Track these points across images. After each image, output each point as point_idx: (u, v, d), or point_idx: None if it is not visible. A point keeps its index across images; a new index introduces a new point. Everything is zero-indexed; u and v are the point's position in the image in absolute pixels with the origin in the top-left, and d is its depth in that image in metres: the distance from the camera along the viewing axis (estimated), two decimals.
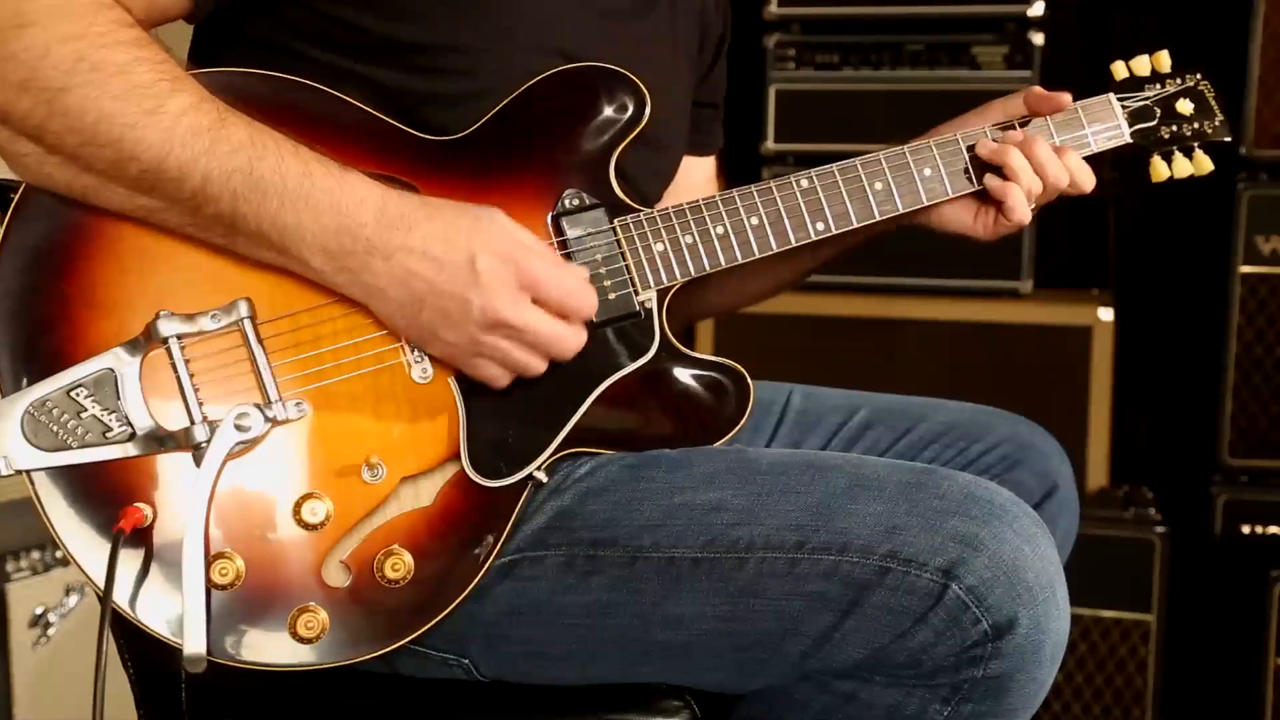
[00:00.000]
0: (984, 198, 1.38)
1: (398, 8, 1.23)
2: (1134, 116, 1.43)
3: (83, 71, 1.09)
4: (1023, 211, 1.35)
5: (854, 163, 1.34)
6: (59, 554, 2.29)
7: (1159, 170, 1.45)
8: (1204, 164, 1.45)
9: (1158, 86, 1.45)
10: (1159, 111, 1.44)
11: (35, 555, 2.29)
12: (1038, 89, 1.41)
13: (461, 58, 1.25)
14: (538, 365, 1.19)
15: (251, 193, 1.12)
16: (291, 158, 1.13)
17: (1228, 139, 1.46)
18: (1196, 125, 1.45)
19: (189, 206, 1.13)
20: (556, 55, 1.27)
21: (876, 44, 2.85)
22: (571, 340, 1.19)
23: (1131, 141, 1.43)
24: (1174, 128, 1.44)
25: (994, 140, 1.37)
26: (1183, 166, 1.45)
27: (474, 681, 1.28)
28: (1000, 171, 1.36)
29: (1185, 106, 1.44)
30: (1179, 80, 1.45)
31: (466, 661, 1.27)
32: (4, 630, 2.25)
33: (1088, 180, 1.39)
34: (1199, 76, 1.46)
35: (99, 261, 1.16)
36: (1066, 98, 1.40)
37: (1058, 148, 1.37)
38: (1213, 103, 1.45)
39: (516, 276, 1.15)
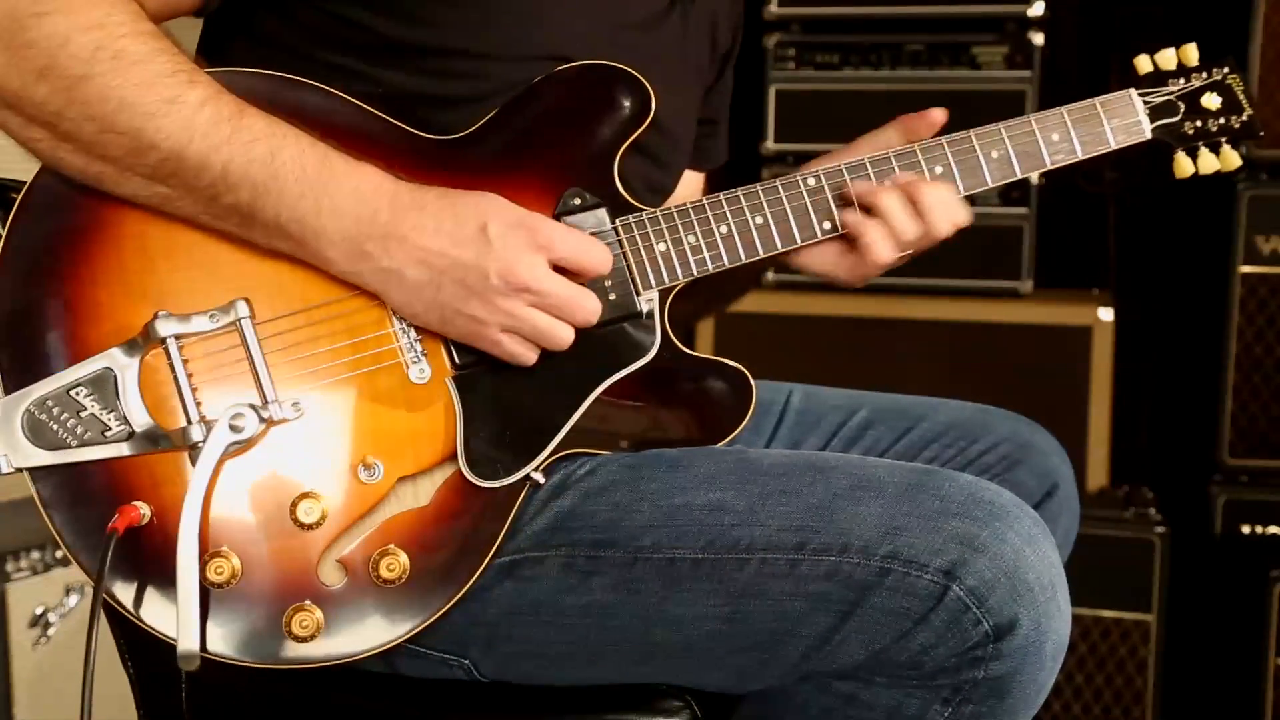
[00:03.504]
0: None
1: (410, 12, 1.23)
2: (1156, 112, 1.39)
3: (103, 60, 1.09)
4: (880, 249, 1.31)
5: (863, 160, 1.33)
6: (59, 554, 2.29)
7: (1183, 167, 1.41)
8: (1231, 160, 1.40)
9: (1183, 80, 1.40)
10: (1183, 107, 1.40)
11: (35, 555, 2.29)
12: (906, 116, 1.38)
13: (472, 63, 1.25)
14: (564, 333, 1.19)
15: (272, 182, 1.12)
16: (310, 149, 1.14)
17: (1259, 134, 1.41)
18: (1223, 121, 1.40)
19: (206, 195, 1.13)
20: (566, 63, 1.27)
21: (876, 44, 2.85)
22: (590, 303, 1.19)
23: (1152, 138, 1.39)
24: (1199, 123, 1.40)
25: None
26: (1208, 162, 1.40)
27: (474, 681, 1.28)
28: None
29: (1211, 101, 1.40)
30: (1205, 74, 1.40)
31: (467, 662, 1.27)
32: (4, 630, 2.25)
33: (963, 219, 1.34)
34: (1227, 70, 1.41)
35: (99, 262, 1.16)
36: (937, 114, 1.37)
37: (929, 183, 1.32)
38: (1241, 96, 1.40)
39: (529, 239, 1.16)
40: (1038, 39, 2.78)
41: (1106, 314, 2.80)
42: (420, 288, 1.16)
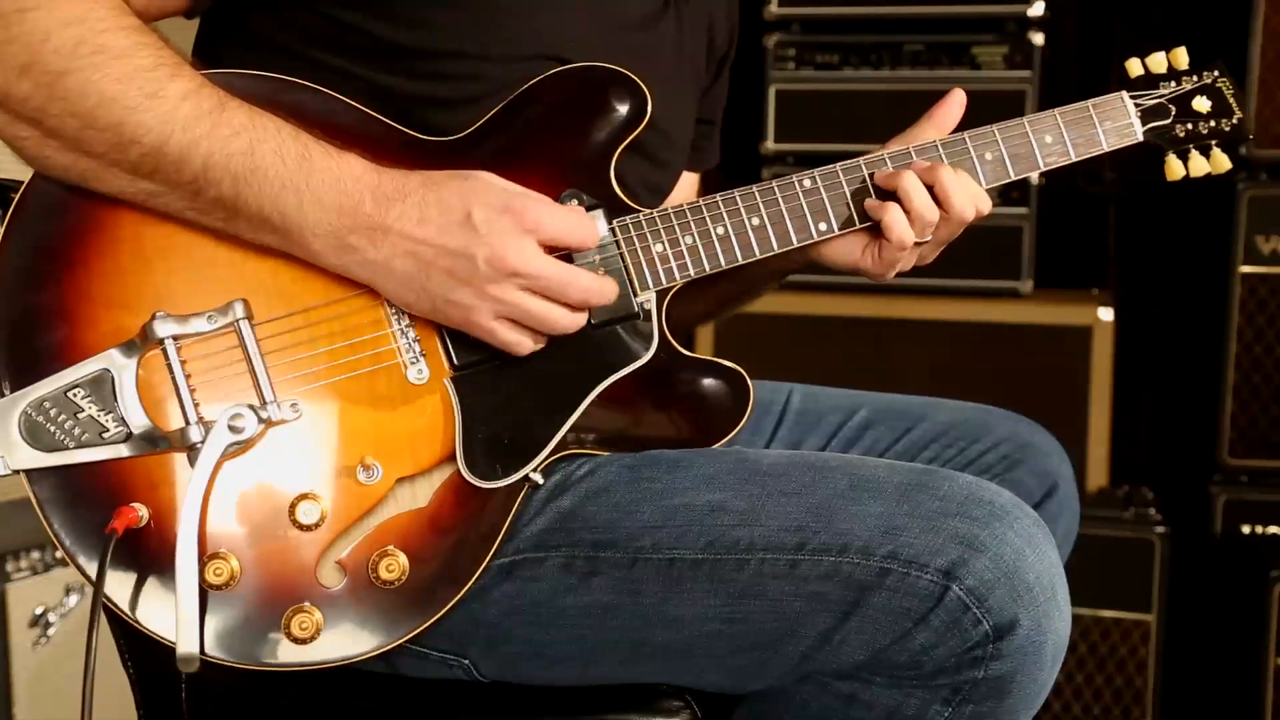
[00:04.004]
0: (877, 231, 1.33)
1: (406, 15, 1.23)
2: (1147, 115, 1.40)
3: (84, 55, 1.09)
4: (902, 230, 1.30)
5: (858, 162, 1.34)
6: (59, 554, 2.28)
7: (1174, 169, 1.42)
8: (1221, 162, 1.42)
9: (1173, 84, 1.41)
10: (1174, 109, 1.41)
11: (35, 555, 2.29)
12: (933, 108, 1.39)
13: (467, 64, 1.25)
14: (561, 316, 1.18)
15: (252, 175, 1.12)
16: (292, 140, 1.14)
17: (1248, 137, 1.43)
18: (1213, 123, 1.41)
19: (190, 190, 1.13)
20: (561, 65, 1.27)
21: (876, 44, 2.85)
22: (587, 280, 1.18)
23: (1144, 140, 1.40)
24: (1189, 126, 1.41)
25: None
26: (1199, 165, 1.41)
27: (474, 682, 1.28)
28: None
29: (1202, 104, 1.41)
30: (1196, 77, 1.42)
31: (467, 662, 1.27)
32: (4, 630, 2.25)
33: (986, 206, 1.34)
34: (1217, 73, 1.42)
35: (97, 263, 1.16)
36: (956, 93, 1.39)
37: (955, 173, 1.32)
38: (1231, 100, 1.42)
39: (516, 223, 1.15)
40: (1038, 39, 2.78)
41: (1106, 314, 2.80)
42: (409, 278, 1.15)
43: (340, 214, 1.13)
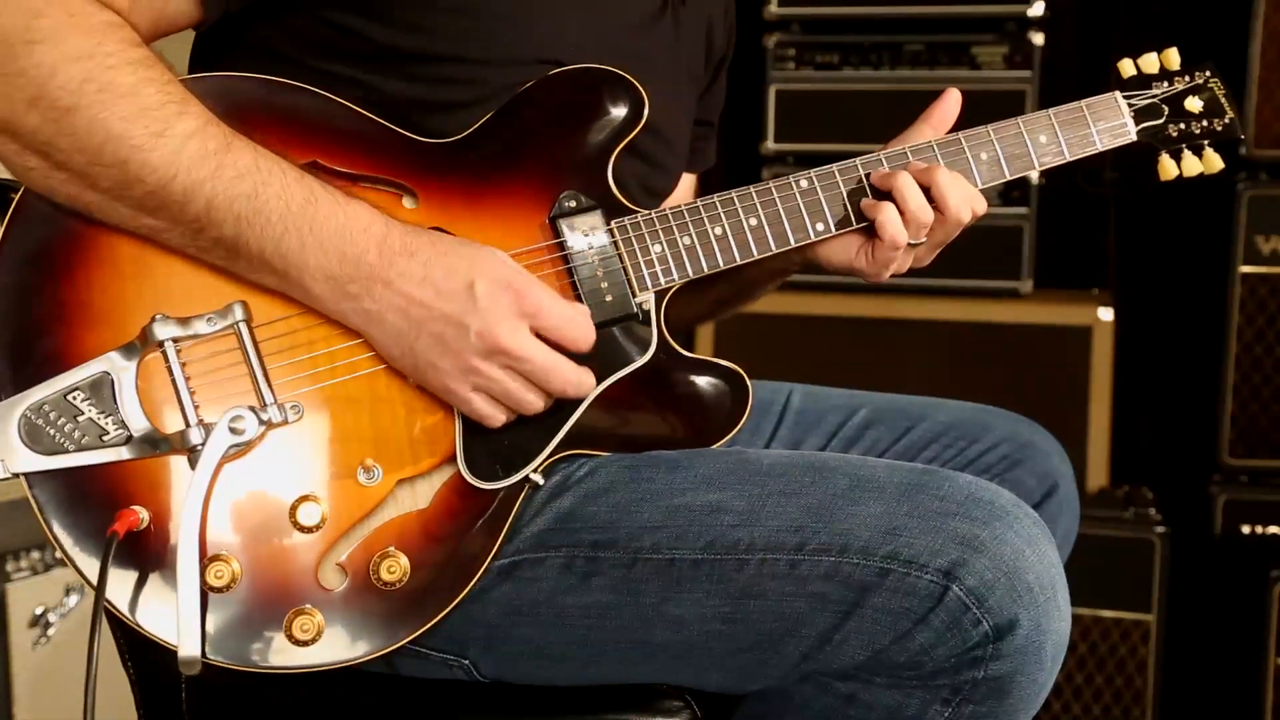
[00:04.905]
0: (872, 232, 1.33)
1: (405, 20, 1.23)
2: (1140, 115, 1.41)
3: (90, 92, 1.09)
4: (895, 230, 1.30)
5: (854, 163, 1.34)
6: (59, 554, 2.29)
7: (1167, 169, 1.43)
8: (1214, 162, 1.43)
9: (1165, 84, 1.43)
10: (1166, 110, 1.42)
11: (35, 555, 2.30)
12: (929, 109, 1.40)
13: (465, 68, 1.25)
14: (535, 401, 1.19)
15: (255, 218, 1.12)
16: (296, 184, 1.13)
17: (1239, 137, 1.44)
18: (1205, 123, 1.42)
19: (192, 229, 1.13)
20: (558, 67, 1.27)
21: (876, 44, 2.86)
22: (569, 373, 1.18)
23: (1138, 140, 1.41)
24: (1182, 126, 1.42)
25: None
26: (1192, 165, 1.43)
27: (474, 682, 1.28)
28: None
29: (1194, 104, 1.42)
30: (1187, 78, 1.43)
31: (467, 662, 1.27)
32: (4, 630, 2.25)
33: (981, 207, 1.35)
34: (1208, 74, 1.43)
35: (96, 265, 1.16)
36: (952, 92, 1.41)
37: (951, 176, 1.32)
38: (1223, 100, 1.43)
39: (515, 303, 1.15)
40: (1038, 39, 2.78)
41: (1106, 314, 2.80)
42: (399, 335, 1.15)
43: (342, 261, 1.13)
